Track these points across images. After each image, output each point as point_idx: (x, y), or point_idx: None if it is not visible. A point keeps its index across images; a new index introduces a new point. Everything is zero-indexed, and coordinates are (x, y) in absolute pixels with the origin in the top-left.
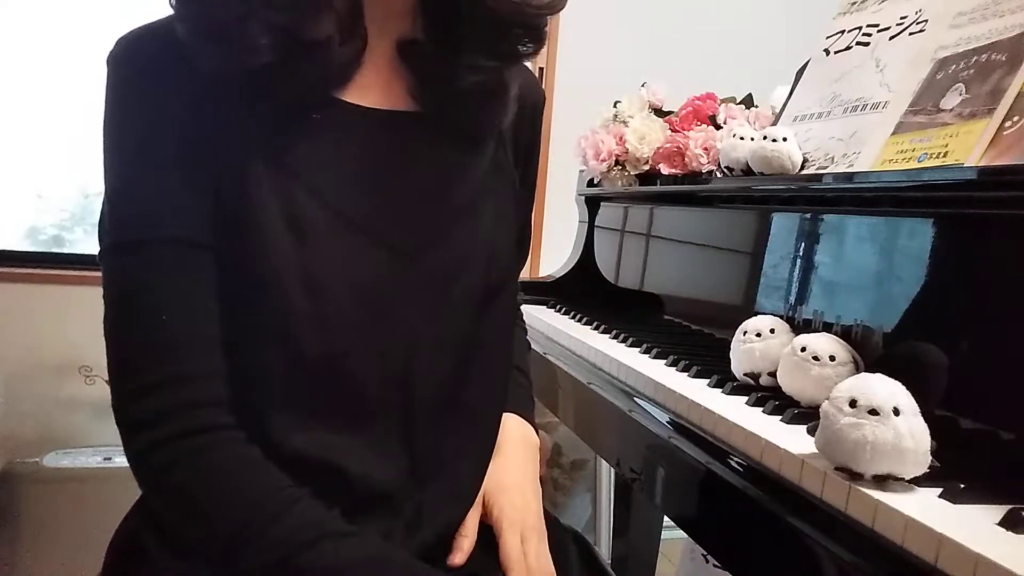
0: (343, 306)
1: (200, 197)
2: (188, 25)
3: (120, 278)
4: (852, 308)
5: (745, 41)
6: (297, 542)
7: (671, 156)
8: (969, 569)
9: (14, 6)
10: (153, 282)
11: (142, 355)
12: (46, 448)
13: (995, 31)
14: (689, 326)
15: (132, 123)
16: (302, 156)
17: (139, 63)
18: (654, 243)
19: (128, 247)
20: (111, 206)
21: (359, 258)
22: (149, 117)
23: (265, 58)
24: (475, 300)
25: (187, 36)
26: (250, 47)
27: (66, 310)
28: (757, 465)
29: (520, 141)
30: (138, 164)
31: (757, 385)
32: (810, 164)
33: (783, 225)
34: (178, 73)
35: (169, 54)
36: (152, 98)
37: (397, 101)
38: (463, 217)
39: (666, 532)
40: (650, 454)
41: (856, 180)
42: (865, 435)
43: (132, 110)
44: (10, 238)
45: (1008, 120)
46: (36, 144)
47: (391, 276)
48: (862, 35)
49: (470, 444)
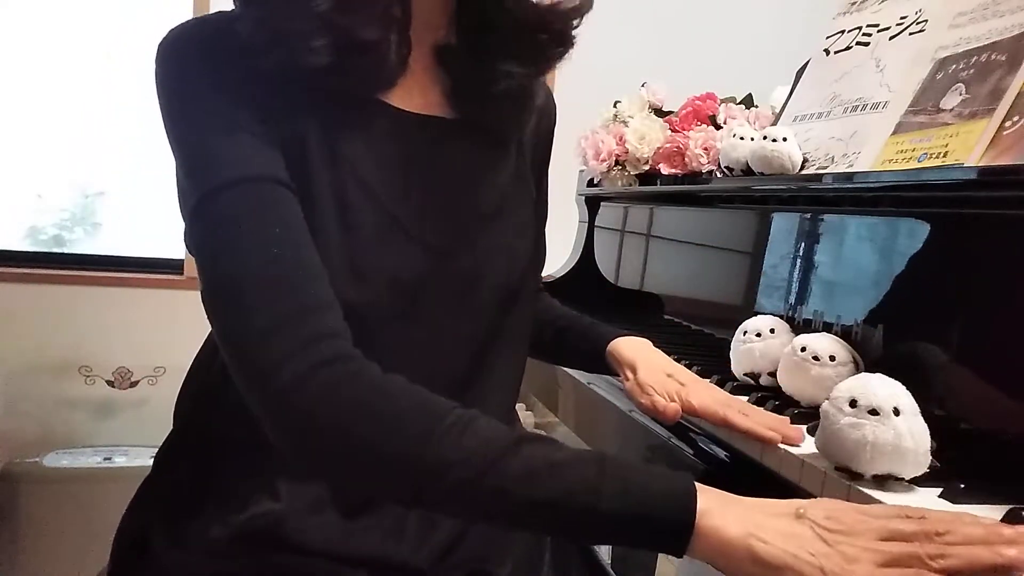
0: (379, 298)
1: (276, 152)
2: (250, 25)
3: (220, 223)
4: (852, 308)
5: (745, 41)
6: (498, 447)
7: (671, 156)
8: None
9: (14, 6)
10: (256, 216)
11: (264, 292)
12: (46, 448)
13: (995, 31)
14: (689, 326)
15: (200, 96)
16: (354, 150)
17: (197, 45)
18: (654, 243)
19: (223, 187)
20: (193, 169)
21: (398, 254)
22: (216, 89)
23: (324, 60)
24: (495, 302)
25: (249, 36)
26: (310, 48)
27: (66, 310)
28: (757, 465)
29: (537, 152)
30: (214, 127)
31: (757, 385)
32: (810, 164)
33: (783, 225)
34: (238, 54)
35: (226, 38)
36: (216, 72)
37: (433, 106)
38: (489, 221)
39: None
40: (650, 454)
41: (856, 180)
42: (865, 435)
43: (198, 85)
44: (10, 238)
45: (1008, 120)
46: (36, 144)
47: (424, 275)
48: (862, 35)
49: None
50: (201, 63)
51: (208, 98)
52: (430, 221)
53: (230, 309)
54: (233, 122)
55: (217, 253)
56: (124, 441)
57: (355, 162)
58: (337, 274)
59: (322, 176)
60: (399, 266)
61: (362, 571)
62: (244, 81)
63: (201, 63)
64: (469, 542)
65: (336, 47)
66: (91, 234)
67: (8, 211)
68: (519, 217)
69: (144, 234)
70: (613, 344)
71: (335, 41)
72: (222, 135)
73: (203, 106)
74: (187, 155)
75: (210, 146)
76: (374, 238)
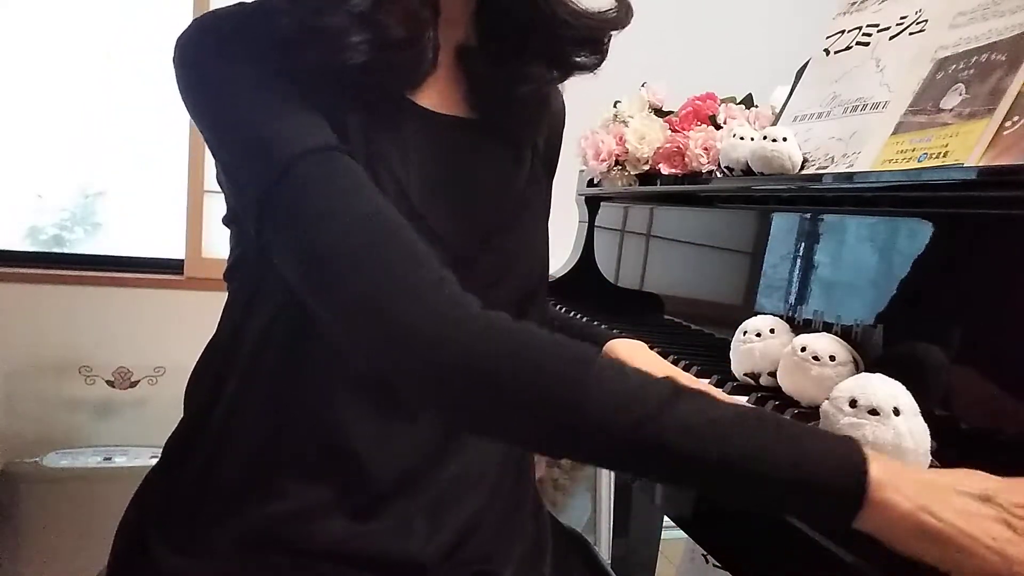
0: None
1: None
2: (292, 20)
3: (307, 196)
4: (852, 308)
5: (745, 41)
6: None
7: (671, 156)
8: None
9: (14, 6)
10: (340, 182)
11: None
12: (46, 448)
13: (995, 31)
14: (689, 326)
15: (243, 80)
16: (387, 149)
17: (230, 34)
18: (654, 243)
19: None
20: (254, 151)
21: None
22: (257, 74)
23: (362, 57)
24: (512, 305)
25: (287, 30)
26: (348, 45)
27: (66, 310)
28: None
29: (547, 154)
30: (265, 107)
31: (757, 385)
32: (810, 164)
33: (783, 225)
34: (273, 46)
35: (259, 29)
36: (255, 60)
37: (453, 106)
38: (508, 225)
39: (666, 532)
40: None
41: (856, 180)
42: (865, 435)
43: (239, 70)
44: (10, 238)
45: (1008, 120)
46: (36, 144)
47: None
48: (862, 35)
49: None
50: (238, 50)
51: (251, 82)
52: (453, 223)
53: (349, 274)
54: (282, 101)
55: (313, 225)
56: (124, 441)
57: (389, 160)
58: None
59: (361, 162)
60: None
61: (367, 573)
62: (282, 73)
63: (238, 50)
64: (475, 541)
65: (373, 44)
66: (91, 234)
67: (8, 211)
68: (535, 220)
69: (144, 234)
70: (609, 346)
71: (373, 38)
72: (274, 115)
73: (249, 89)
74: (245, 136)
75: (267, 127)
76: None
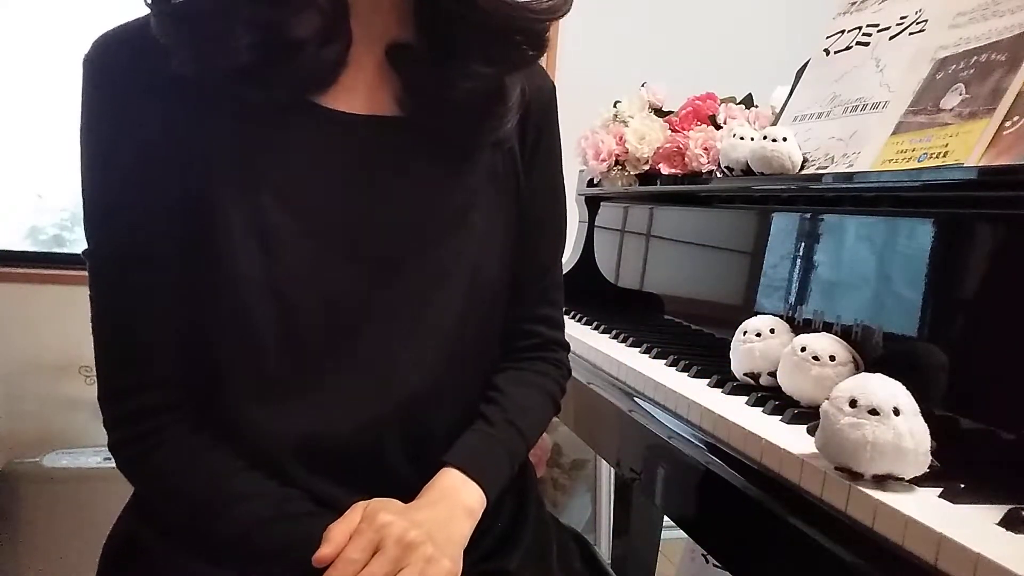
0: (314, 321)
1: (163, 206)
2: (164, 23)
3: (91, 284)
4: (852, 308)
5: (745, 41)
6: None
7: (671, 156)
8: (969, 569)
9: (14, 6)
10: (116, 295)
11: (105, 361)
12: (46, 448)
13: (995, 31)
14: (689, 326)
15: (99, 130)
16: (273, 163)
17: (108, 68)
18: (654, 243)
19: (94, 257)
20: (85, 211)
21: (331, 272)
22: (114, 124)
23: (243, 59)
24: (454, 319)
25: (162, 34)
26: (228, 48)
27: (66, 310)
28: (757, 465)
29: (528, 139)
30: (104, 172)
31: (757, 385)
32: (810, 164)
33: (783, 225)
34: (148, 79)
35: (140, 58)
36: (118, 104)
37: (383, 107)
38: (447, 230)
39: (666, 532)
40: (650, 454)
41: (856, 180)
42: (865, 435)
43: (99, 116)
44: (10, 238)
45: (1008, 120)
46: (36, 144)
47: (368, 289)
48: (862, 35)
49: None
50: (107, 90)
51: (107, 138)
52: (371, 232)
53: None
54: (128, 168)
55: (90, 301)
56: None
57: (274, 176)
58: (261, 300)
59: (233, 198)
60: (335, 289)
61: None
62: (151, 105)
63: (107, 90)
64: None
65: (258, 44)
66: None
67: (8, 211)
68: (487, 225)
69: None
70: None
71: (258, 37)
72: (115, 186)
73: (103, 144)
74: (84, 191)
75: (100, 198)
76: (302, 260)
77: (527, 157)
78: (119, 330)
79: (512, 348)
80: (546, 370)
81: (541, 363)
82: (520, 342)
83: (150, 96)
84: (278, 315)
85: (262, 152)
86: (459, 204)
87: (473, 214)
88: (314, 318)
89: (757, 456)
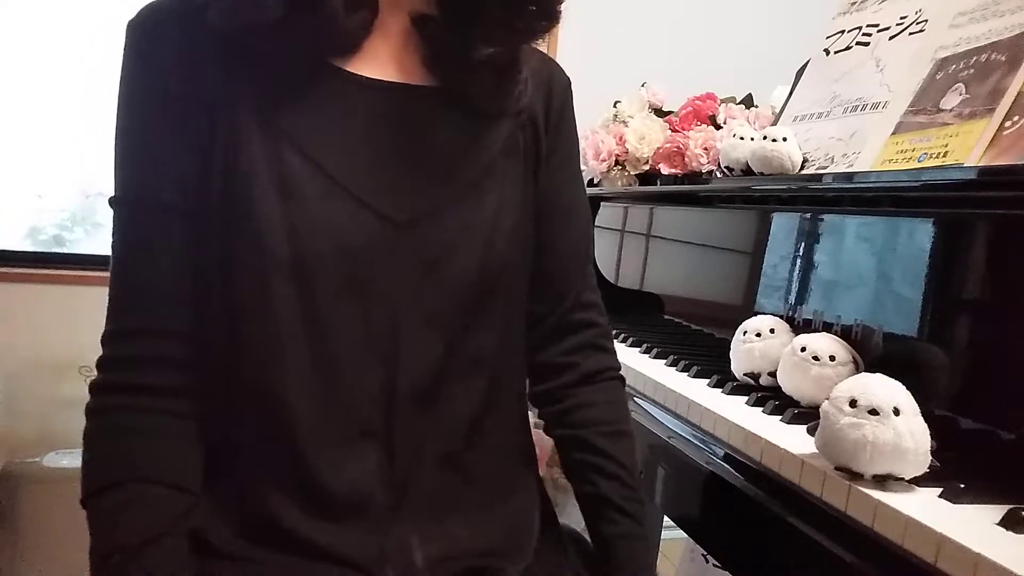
0: (326, 267)
1: (188, 159)
2: None
3: (114, 231)
4: (852, 308)
5: (745, 41)
6: None
7: (671, 156)
8: (969, 569)
9: (14, 6)
10: (134, 239)
11: (114, 303)
12: (46, 448)
13: (995, 31)
14: (689, 326)
15: (131, 85)
16: (296, 120)
17: (144, 28)
18: (654, 243)
19: (120, 203)
20: (115, 162)
21: (346, 222)
22: (146, 79)
23: (273, 15)
24: (468, 286)
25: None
26: (258, 3)
27: (66, 310)
28: (757, 465)
29: (552, 117)
30: (132, 124)
31: (757, 385)
32: (810, 164)
33: (783, 225)
34: (180, 37)
35: (175, 18)
36: (150, 60)
37: (409, 74)
38: (465, 195)
39: (666, 532)
40: (650, 454)
41: (856, 180)
42: (865, 435)
43: (132, 72)
44: (11, 238)
45: (1008, 120)
46: (36, 144)
47: (380, 244)
48: (862, 35)
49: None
50: (141, 47)
51: (138, 91)
52: (390, 190)
53: None
54: (155, 121)
55: (111, 247)
56: None
57: (296, 132)
58: (278, 239)
59: (258, 149)
60: (348, 231)
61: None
62: (181, 61)
63: (141, 47)
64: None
65: (291, 3)
66: (91, 234)
67: (8, 211)
68: (504, 193)
69: None
70: None
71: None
72: (142, 138)
73: (134, 98)
74: (115, 142)
75: (128, 149)
76: (317, 202)
77: (551, 135)
78: (131, 272)
79: (571, 346)
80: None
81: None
82: (578, 335)
83: (181, 54)
84: (292, 257)
85: (286, 108)
86: (479, 170)
87: (491, 183)
88: (324, 257)
89: (757, 456)
